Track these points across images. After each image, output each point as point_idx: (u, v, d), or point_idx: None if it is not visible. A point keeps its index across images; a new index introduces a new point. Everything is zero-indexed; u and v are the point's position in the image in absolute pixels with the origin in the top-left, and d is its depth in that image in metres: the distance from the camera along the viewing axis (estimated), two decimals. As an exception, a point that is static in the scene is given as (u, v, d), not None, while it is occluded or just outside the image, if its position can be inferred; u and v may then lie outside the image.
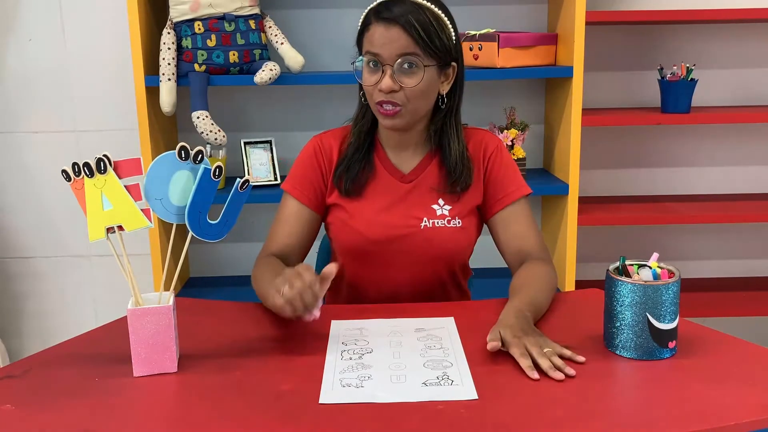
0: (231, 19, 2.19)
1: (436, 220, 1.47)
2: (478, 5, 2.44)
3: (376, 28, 1.38)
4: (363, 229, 1.47)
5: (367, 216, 1.47)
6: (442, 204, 1.48)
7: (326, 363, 1.14)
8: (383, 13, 1.38)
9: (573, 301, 1.43)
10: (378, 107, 1.41)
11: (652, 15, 2.24)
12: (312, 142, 1.55)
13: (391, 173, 1.51)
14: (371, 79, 1.40)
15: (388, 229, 1.46)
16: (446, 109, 1.47)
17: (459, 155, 1.47)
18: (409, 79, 1.38)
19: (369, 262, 1.48)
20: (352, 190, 1.48)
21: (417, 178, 1.50)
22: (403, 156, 1.52)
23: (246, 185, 1.12)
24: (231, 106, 2.48)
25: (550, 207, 2.48)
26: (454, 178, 1.47)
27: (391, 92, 1.38)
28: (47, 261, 2.60)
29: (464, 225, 1.48)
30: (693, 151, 2.60)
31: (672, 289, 1.11)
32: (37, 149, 2.51)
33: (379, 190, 1.50)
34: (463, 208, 1.49)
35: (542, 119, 2.54)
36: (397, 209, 1.48)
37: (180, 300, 1.32)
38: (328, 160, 1.52)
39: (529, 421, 0.96)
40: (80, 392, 1.06)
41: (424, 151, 1.52)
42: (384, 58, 1.37)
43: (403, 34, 1.36)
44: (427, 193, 1.49)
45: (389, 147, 1.52)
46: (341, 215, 1.50)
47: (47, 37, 2.43)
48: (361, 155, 1.49)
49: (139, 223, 1.09)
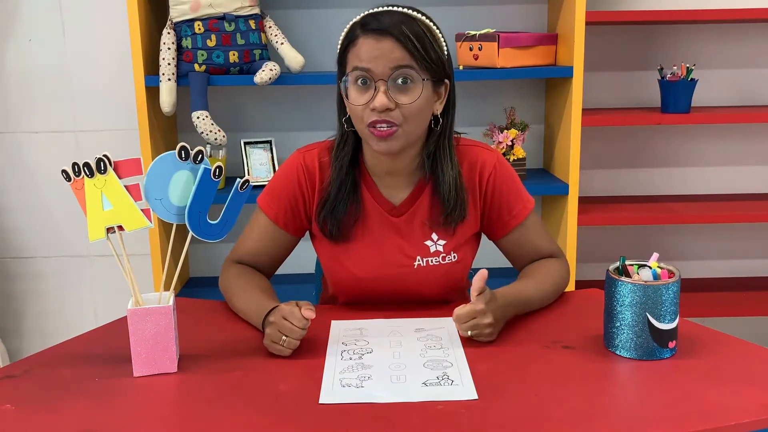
0: (231, 19, 2.19)
1: (431, 258, 1.38)
2: (478, 5, 2.44)
3: (365, 42, 1.26)
4: (353, 267, 1.38)
5: (356, 253, 1.39)
6: (435, 239, 1.39)
7: (326, 363, 1.14)
8: (372, 24, 1.26)
9: (573, 301, 1.43)
10: (370, 130, 1.27)
11: (652, 15, 2.24)
12: (295, 160, 1.42)
13: (381, 205, 1.39)
14: (361, 99, 1.26)
15: (380, 268, 1.38)
16: (439, 131, 1.35)
17: (453, 183, 1.35)
18: (405, 96, 1.26)
19: (362, 296, 1.42)
20: (339, 235, 1.38)
21: (408, 210, 1.39)
22: (393, 185, 1.40)
23: (246, 185, 1.12)
24: (231, 106, 2.48)
25: (550, 207, 2.48)
26: (447, 211, 1.36)
27: (385, 111, 1.25)
28: (47, 261, 2.60)
29: (460, 257, 1.40)
30: (693, 151, 2.60)
31: (672, 289, 1.11)
32: (37, 149, 2.51)
33: (368, 224, 1.39)
34: (459, 240, 1.40)
35: (542, 119, 2.54)
36: (388, 246, 1.39)
37: (180, 300, 1.32)
38: (311, 183, 1.40)
39: (529, 421, 0.96)
40: (80, 392, 1.06)
41: (416, 179, 1.40)
42: (376, 73, 1.25)
43: (397, 45, 1.25)
44: (420, 228, 1.39)
45: (377, 175, 1.40)
46: (329, 249, 1.41)
47: (47, 37, 2.43)
48: (346, 193, 1.36)
49: (139, 223, 1.09)
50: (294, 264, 1.83)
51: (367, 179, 1.41)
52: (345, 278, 1.41)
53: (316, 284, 1.73)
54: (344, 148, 1.38)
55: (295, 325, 1.16)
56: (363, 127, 1.29)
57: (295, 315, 1.16)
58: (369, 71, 1.26)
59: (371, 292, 1.40)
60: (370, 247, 1.39)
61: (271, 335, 1.17)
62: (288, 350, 1.16)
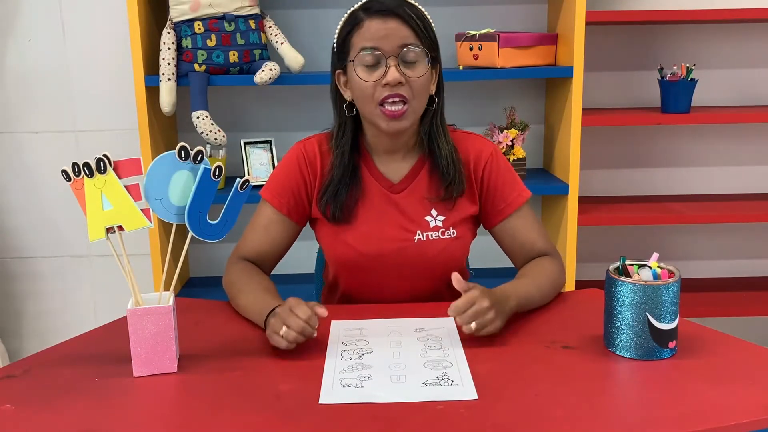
0: (231, 19, 2.19)
1: (430, 233, 1.42)
2: (478, 5, 2.44)
3: (372, 23, 1.33)
4: (355, 244, 1.42)
5: (358, 230, 1.43)
6: (435, 215, 1.43)
7: (326, 363, 1.14)
8: (375, 6, 1.34)
9: (573, 301, 1.43)
10: (381, 109, 1.34)
11: (652, 15, 2.24)
12: (295, 149, 1.47)
13: (381, 183, 1.45)
14: (372, 77, 1.34)
15: (381, 243, 1.41)
16: (434, 110, 1.42)
17: (449, 156, 1.42)
18: (413, 71, 1.33)
19: (362, 274, 1.45)
20: (342, 217, 1.42)
21: (408, 187, 1.45)
22: (392, 163, 1.46)
23: (246, 185, 1.12)
24: (231, 106, 2.48)
25: (550, 207, 2.48)
26: (447, 182, 1.42)
27: (397, 85, 1.32)
28: (47, 261, 2.60)
29: (459, 234, 1.44)
30: (693, 151, 2.60)
31: (672, 289, 1.11)
32: (37, 149, 2.51)
33: (369, 202, 1.44)
34: (458, 217, 1.44)
35: (542, 119, 2.54)
36: (389, 222, 1.43)
37: (180, 300, 1.32)
38: (313, 170, 1.45)
39: (529, 421, 0.96)
40: (80, 392, 1.06)
41: (414, 157, 1.46)
42: (386, 50, 1.32)
43: (402, 25, 1.33)
44: (419, 204, 1.44)
45: (378, 154, 1.46)
46: (331, 229, 1.45)
47: (47, 37, 2.43)
48: (348, 178, 1.42)
49: (139, 223, 1.09)
50: (294, 264, 1.83)
51: (367, 159, 1.46)
52: (347, 255, 1.43)
53: (316, 284, 1.73)
54: (344, 136, 1.43)
55: (299, 317, 1.15)
56: (372, 108, 1.35)
57: (301, 307, 1.17)
58: (379, 49, 1.32)
59: (373, 268, 1.43)
60: (371, 223, 1.43)
61: (273, 325, 1.18)
62: (285, 342, 1.15)
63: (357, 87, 1.36)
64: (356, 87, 1.36)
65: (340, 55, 1.39)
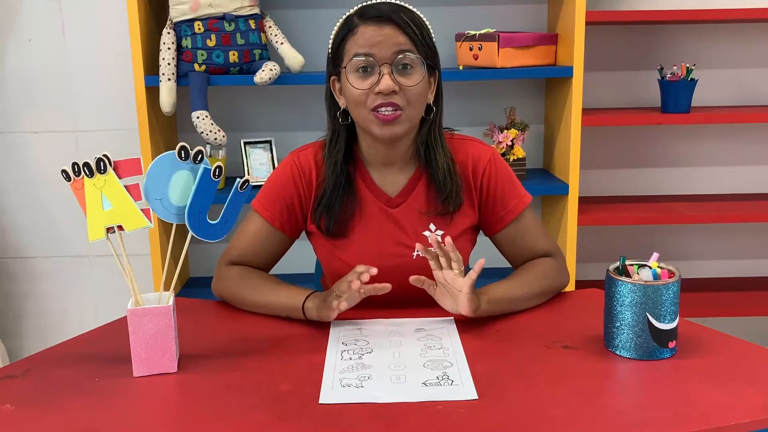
0: (231, 19, 2.19)
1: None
2: (478, 5, 2.44)
3: (366, 29, 1.29)
4: (352, 261, 1.36)
5: (355, 246, 1.40)
6: (433, 229, 1.40)
7: (326, 363, 1.14)
8: (370, 12, 1.30)
9: (573, 301, 1.43)
10: (374, 114, 1.30)
11: (652, 15, 2.24)
12: (288, 161, 1.43)
13: (377, 197, 1.41)
14: (364, 84, 1.29)
15: (379, 260, 1.35)
16: (431, 120, 1.38)
17: (446, 169, 1.38)
18: (408, 79, 1.29)
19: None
20: (337, 231, 1.39)
21: (405, 201, 1.41)
22: (388, 175, 1.42)
23: (246, 185, 1.12)
24: (231, 106, 2.48)
25: (550, 207, 2.48)
26: (444, 195, 1.38)
27: (390, 93, 1.28)
28: (47, 261, 2.60)
29: (459, 247, 1.37)
30: (693, 151, 2.60)
31: (672, 289, 1.11)
32: (37, 149, 2.51)
33: (366, 217, 1.40)
34: (456, 230, 1.41)
35: (542, 119, 2.54)
36: (386, 238, 1.40)
37: (180, 300, 1.32)
38: (308, 182, 1.41)
39: (529, 421, 0.96)
40: (80, 392, 1.06)
41: (411, 169, 1.42)
42: (379, 57, 1.28)
43: (398, 31, 1.29)
44: (417, 218, 1.41)
45: (373, 166, 1.42)
46: (327, 243, 1.42)
47: (47, 37, 2.43)
48: (342, 189, 1.38)
49: (139, 223, 1.09)
50: (294, 264, 1.83)
51: (363, 171, 1.42)
52: (345, 272, 1.37)
53: (316, 284, 1.73)
54: (336, 144, 1.40)
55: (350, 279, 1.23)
56: (366, 113, 1.31)
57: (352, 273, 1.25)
58: (372, 56, 1.29)
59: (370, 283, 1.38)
60: (368, 239, 1.40)
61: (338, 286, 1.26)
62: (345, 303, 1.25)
63: (350, 94, 1.32)
64: (349, 94, 1.32)
65: (335, 61, 1.35)
